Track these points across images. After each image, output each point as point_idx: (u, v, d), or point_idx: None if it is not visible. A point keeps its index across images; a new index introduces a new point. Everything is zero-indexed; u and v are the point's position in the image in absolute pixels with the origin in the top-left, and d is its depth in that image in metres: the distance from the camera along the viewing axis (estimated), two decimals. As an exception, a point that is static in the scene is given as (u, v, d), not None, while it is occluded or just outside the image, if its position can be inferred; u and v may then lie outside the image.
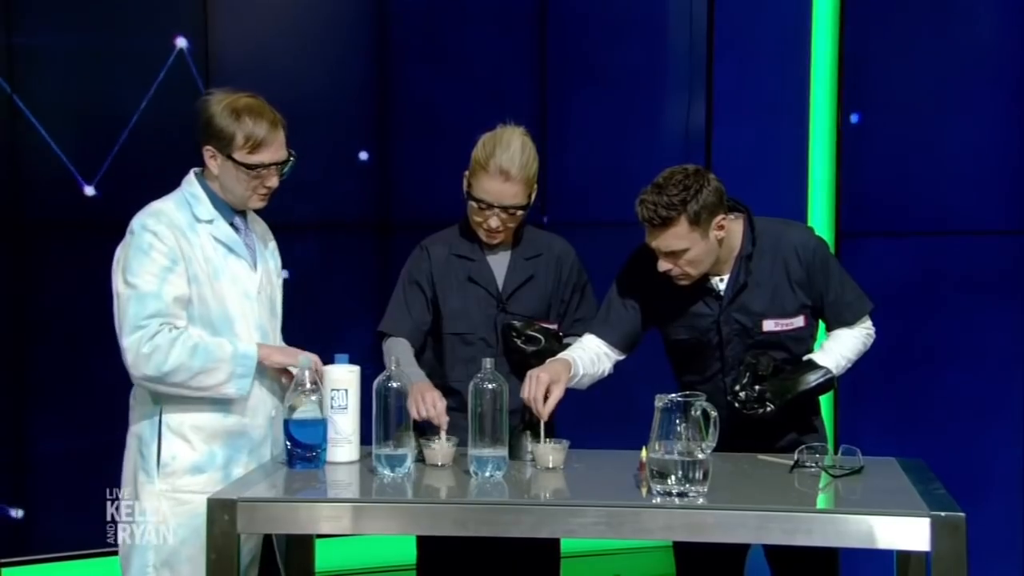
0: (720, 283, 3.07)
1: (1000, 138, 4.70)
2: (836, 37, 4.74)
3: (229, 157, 2.84)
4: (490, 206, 3.09)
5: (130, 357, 2.76)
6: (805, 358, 3.08)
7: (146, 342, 2.74)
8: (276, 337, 3.05)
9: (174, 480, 2.83)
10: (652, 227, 2.94)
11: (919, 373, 4.70)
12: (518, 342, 3.13)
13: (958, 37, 4.72)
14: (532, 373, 2.93)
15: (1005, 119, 4.69)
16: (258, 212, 3.03)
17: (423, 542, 3.27)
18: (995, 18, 4.75)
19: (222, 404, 2.87)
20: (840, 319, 3.13)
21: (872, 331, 3.18)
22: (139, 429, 2.88)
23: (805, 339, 3.12)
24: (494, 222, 3.11)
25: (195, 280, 2.82)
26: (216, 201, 2.90)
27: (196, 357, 2.78)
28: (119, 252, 2.85)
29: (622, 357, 3.18)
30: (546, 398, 2.90)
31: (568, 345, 3.16)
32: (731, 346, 3.07)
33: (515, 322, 3.15)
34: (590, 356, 3.09)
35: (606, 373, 3.16)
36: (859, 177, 4.74)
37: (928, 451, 3.34)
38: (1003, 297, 4.72)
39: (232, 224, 2.93)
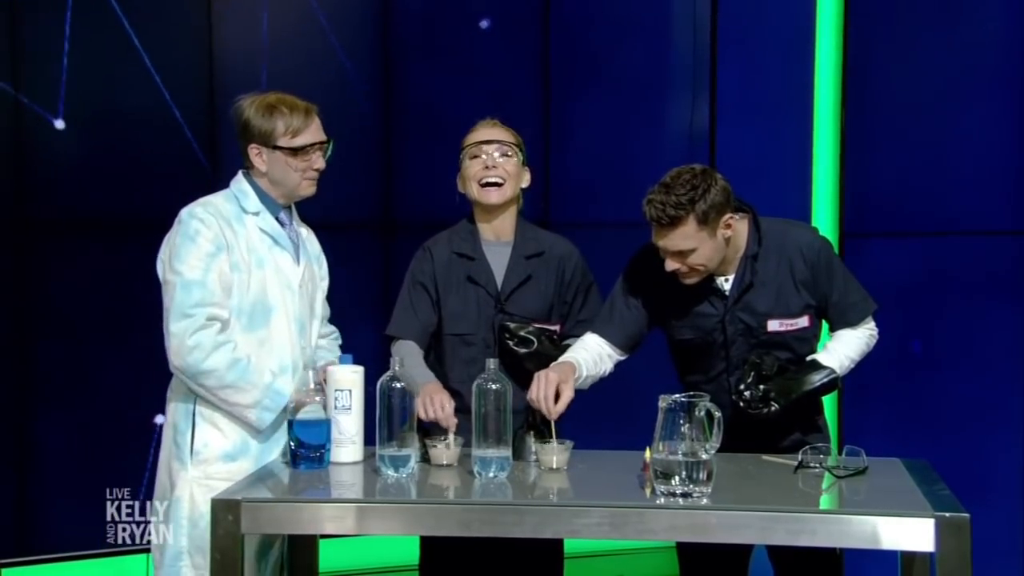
0: (725, 283, 3.06)
1: (1004, 138, 4.70)
2: (840, 37, 4.74)
3: (275, 148, 2.93)
4: (484, 143, 3.17)
5: (174, 343, 2.81)
6: (809, 358, 3.08)
7: (192, 334, 2.80)
8: (313, 336, 3.07)
9: (206, 467, 2.87)
10: (660, 226, 2.93)
11: (923, 373, 4.69)
12: (511, 344, 3.12)
13: (962, 38, 4.72)
14: (541, 373, 2.93)
15: (1009, 119, 4.69)
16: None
17: (426, 543, 3.27)
18: (998, 19, 4.75)
19: None
20: (844, 319, 3.13)
21: (875, 332, 3.18)
22: (175, 418, 2.92)
23: (809, 339, 3.12)
24: (490, 160, 3.17)
25: (236, 268, 2.88)
26: (263, 197, 2.98)
27: (232, 371, 2.83)
28: (168, 241, 2.91)
29: (624, 357, 3.18)
30: (557, 398, 2.90)
31: (565, 347, 3.16)
32: (735, 346, 3.07)
33: (509, 323, 3.14)
34: (592, 357, 3.09)
35: (607, 373, 3.16)
36: (863, 177, 4.74)
37: (932, 452, 3.34)
38: (1007, 298, 4.72)
39: (277, 219, 3.00)
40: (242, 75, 4.39)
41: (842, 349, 3.11)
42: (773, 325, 3.05)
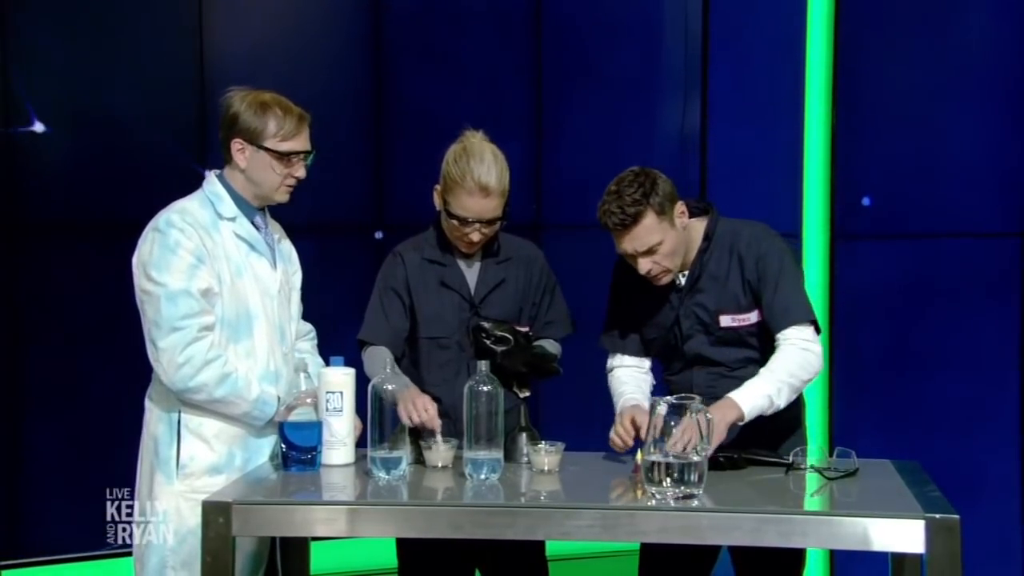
0: (682, 278, 3.10)
1: (994, 140, 4.70)
2: (831, 39, 4.74)
3: (261, 147, 2.88)
4: (471, 222, 3.07)
5: (164, 358, 2.76)
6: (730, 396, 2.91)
7: (182, 350, 2.75)
8: (292, 338, 3.05)
9: (192, 481, 2.83)
10: (623, 229, 2.95)
11: (914, 375, 4.69)
12: (488, 343, 3.10)
13: (952, 40, 4.72)
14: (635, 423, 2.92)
15: (999, 121, 4.69)
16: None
17: (403, 549, 3.23)
18: (989, 21, 4.75)
19: None
20: (776, 322, 3.00)
21: (812, 347, 2.98)
22: (156, 430, 2.86)
23: (761, 334, 3.07)
24: (476, 236, 3.10)
25: (218, 279, 2.83)
26: (238, 199, 2.92)
27: (222, 386, 2.79)
28: (142, 249, 2.84)
29: (650, 363, 3.22)
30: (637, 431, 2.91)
31: (539, 346, 3.16)
32: (691, 342, 3.09)
33: (484, 323, 3.12)
34: (637, 385, 3.13)
35: (653, 384, 3.21)
36: (854, 179, 4.74)
37: (923, 453, 3.34)
38: (997, 299, 4.72)
39: (252, 223, 2.95)
40: (232, 77, 4.37)
41: (774, 374, 2.92)
42: (725, 320, 3.07)
